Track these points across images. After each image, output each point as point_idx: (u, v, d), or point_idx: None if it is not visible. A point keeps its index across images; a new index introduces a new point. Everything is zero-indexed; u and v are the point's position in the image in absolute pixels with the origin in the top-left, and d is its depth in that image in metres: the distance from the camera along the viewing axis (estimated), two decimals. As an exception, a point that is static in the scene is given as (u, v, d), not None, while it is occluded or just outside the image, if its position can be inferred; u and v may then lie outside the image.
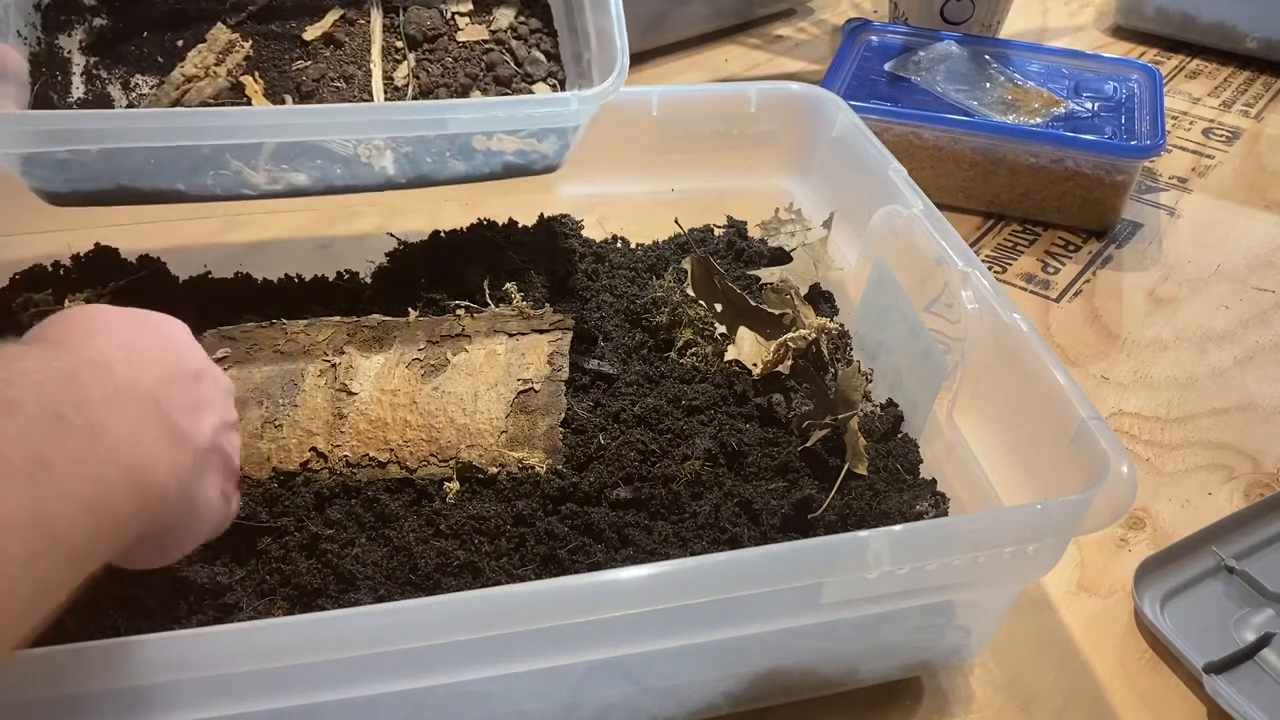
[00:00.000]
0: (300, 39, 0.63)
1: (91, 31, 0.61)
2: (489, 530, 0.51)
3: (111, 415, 0.35)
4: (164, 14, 0.62)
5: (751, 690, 0.50)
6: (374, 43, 0.63)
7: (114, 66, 0.61)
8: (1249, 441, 0.69)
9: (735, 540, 0.52)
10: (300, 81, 0.61)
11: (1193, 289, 0.82)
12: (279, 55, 0.62)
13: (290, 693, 0.39)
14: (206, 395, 0.44)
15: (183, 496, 0.40)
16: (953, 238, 0.59)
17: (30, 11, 0.60)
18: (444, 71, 0.63)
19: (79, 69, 0.60)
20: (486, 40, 0.65)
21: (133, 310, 0.44)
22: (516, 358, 0.56)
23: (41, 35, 0.60)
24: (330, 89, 0.62)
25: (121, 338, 0.41)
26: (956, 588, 0.47)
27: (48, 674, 0.36)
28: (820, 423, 0.57)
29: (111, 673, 0.36)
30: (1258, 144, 1.00)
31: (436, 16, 0.65)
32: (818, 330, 0.61)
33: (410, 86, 0.62)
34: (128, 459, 0.35)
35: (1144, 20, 1.16)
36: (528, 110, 0.57)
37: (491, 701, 0.45)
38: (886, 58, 0.96)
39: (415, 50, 0.64)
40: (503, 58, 0.64)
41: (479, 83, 0.63)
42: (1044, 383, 0.50)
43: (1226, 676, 0.53)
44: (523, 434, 0.54)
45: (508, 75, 0.63)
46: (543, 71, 0.65)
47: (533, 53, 0.65)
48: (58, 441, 0.32)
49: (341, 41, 0.63)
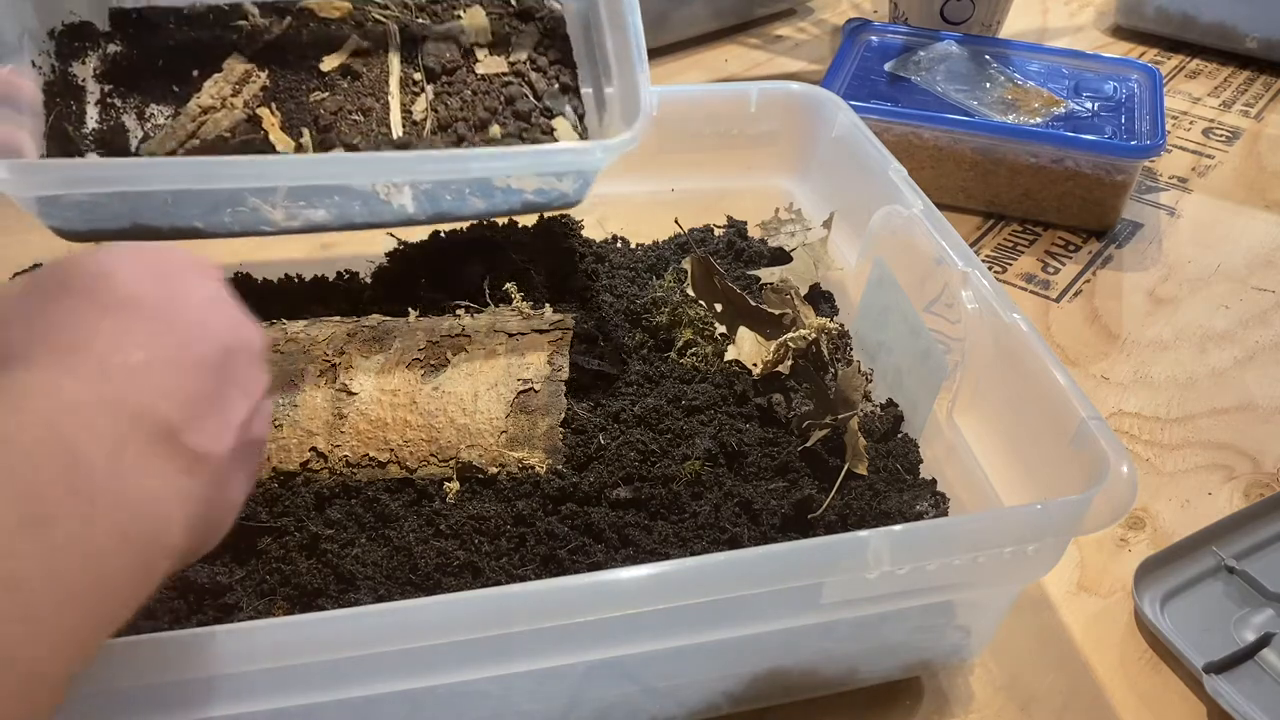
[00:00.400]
0: (317, 69, 0.63)
1: (106, 59, 0.61)
2: (489, 530, 0.51)
3: (100, 470, 0.31)
4: (179, 42, 0.62)
5: (751, 690, 0.50)
6: (392, 75, 0.63)
7: (129, 95, 0.61)
8: (1249, 441, 0.69)
9: (735, 540, 0.52)
10: (318, 114, 0.61)
11: (1193, 289, 0.82)
12: (296, 86, 0.62)
13: (290, 693, 0.39)
14: (232, 378, 0.37)
15: (203, 521, 0.36)
16: (953, 238, 0.59)
17: (44, 39, 0.60)
18: (462, 105, 0.63)
19: (93, 98, 0.60)
20: (505, 73, 0.65)
21: (146, 267, 0.36)
22: (516, 358, 0.56)
23: (56, 63, 0.60)
24: (348, 121, 0.61)
25: (122, 324, 0.34)
26: (956, 588, 0.47)
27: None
28: (820, 423, 0.57)
29: (111, 673, 0.36)
30: (1258, 144, 1.00)
31: (455, 48, 0.65)
32: (818, 330, 0.61)
33: (428, 120, 0.62)
34: (122, 521, 0.31)
35: (1144, 20, 1.16)
36: (552, 160, 0.57)
37: (491, 701, 0.45)
38: (886, 58, 0.96)
39: (434, 82, 0.64)
40: (522, 90, 0.64)
41: (498, 116, 0.63)
42: (1044, 383, 0.50)
43: (1226, 676, 0.53)
44: (523, 434, 0.54)
45: (527, 110, 0.63)
46: (562, 105, 0.64)
47: (552, 86, 0.65)
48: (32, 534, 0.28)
49: (359, 73, 0.63)
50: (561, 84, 0.65)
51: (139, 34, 0.62)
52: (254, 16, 0.63)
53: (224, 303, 0.39)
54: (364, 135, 0.61)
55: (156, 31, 0.62)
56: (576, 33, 0.67)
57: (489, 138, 0.62)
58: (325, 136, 0.61)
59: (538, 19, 0.67)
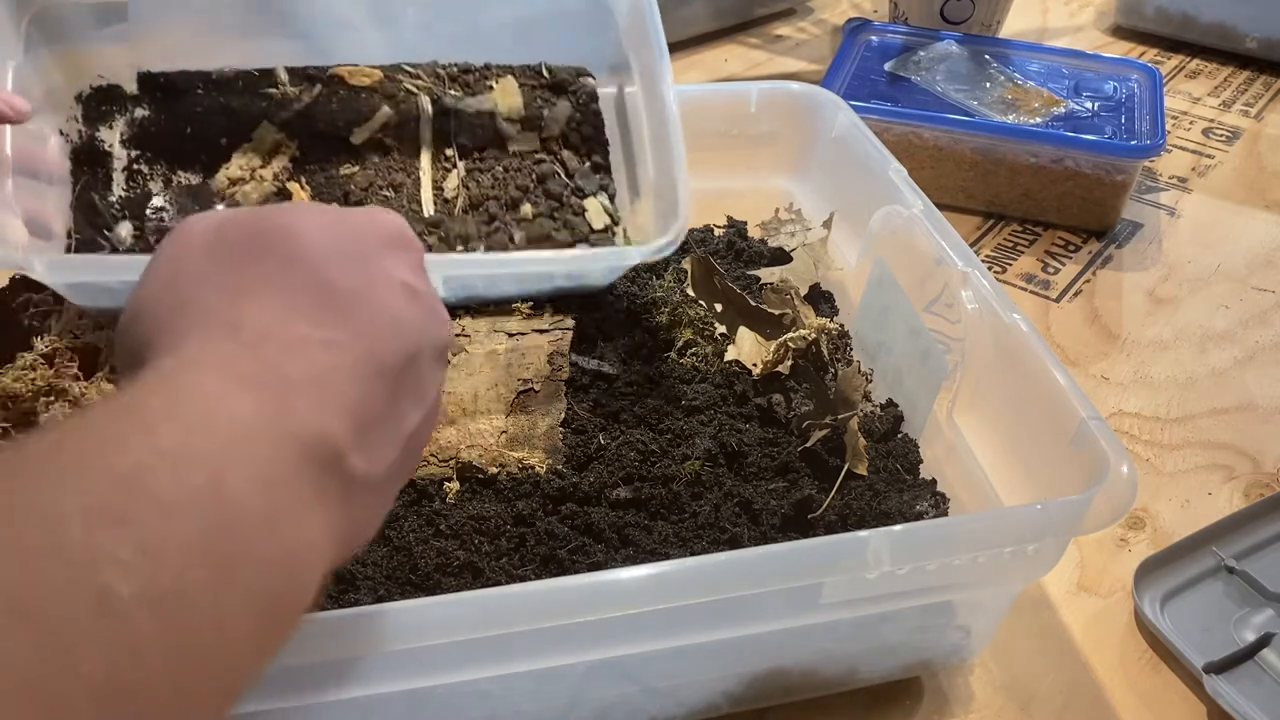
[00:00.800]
0: (347, 141, 0.63)
1: (133, 123, 0.61)
2: (489, 530, 0.51)
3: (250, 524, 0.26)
4: (207, 108, 0.61)
5: (751, 690, 0.50)
6: (423, 150, 0.63)
7: (155, 161, 0.61)
8: (1249, 441, 0.69)
9: (735, 540, 0.52)
10: (348, 190, 0.61)
11: (1193, 289, 0.82)
12: (325, 158, 0.62)
13: (289, 693, 0.39)
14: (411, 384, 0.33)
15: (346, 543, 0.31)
16: (953, 238, 0.59)
17: (72, 104, 0.60)
18: (494, 182, 0.63)
19: (120, 164, 0.60)
20: (538, 150, 0.65)
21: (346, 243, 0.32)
22: (517, 357, 0.56)
23: (83, 128, 0.60)
24: (379, 198, 0.62)
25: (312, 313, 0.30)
26: (956, 588, 0.47)
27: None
28: (820, 423, 0.57)
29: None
30: (1258, 144, 1.00)
31: (488, 121, 0.64)
32: (818, 330, 0.61)
33: (460, 197, 0.62)
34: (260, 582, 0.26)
35: (1144, 20, 1.16)
36: (593, 263, 0.58)
37: (491, 701, 0.45)
38: (886, 58, 0.96)
39: (466, 158, 0.64)
40: (554, 168, 0.64)
41: (529, 195, 0.63)
42: (1044, 383, 0.50)
43: (1226, 676, 0.53)
44: (523, 434, 0.54)
45: (558, 190, 0.63)
46: (594, 184, 0.65)
47: (584, 164, 0.65)
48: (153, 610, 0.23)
49: (390, 147, 0.63)
50: (593, 162, 0.66)
51: (167, 98, 0.62)
52: (284, 84, 0.62)
53: (419, 293, 0.34)
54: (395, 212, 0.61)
55: (184, 96, 0.62)
56: (609, 104, 0.67)
57: (520, 217, 0.63)
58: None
59: (570, 93, 0.67)
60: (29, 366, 0.54)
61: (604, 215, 0.64)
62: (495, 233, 0.62)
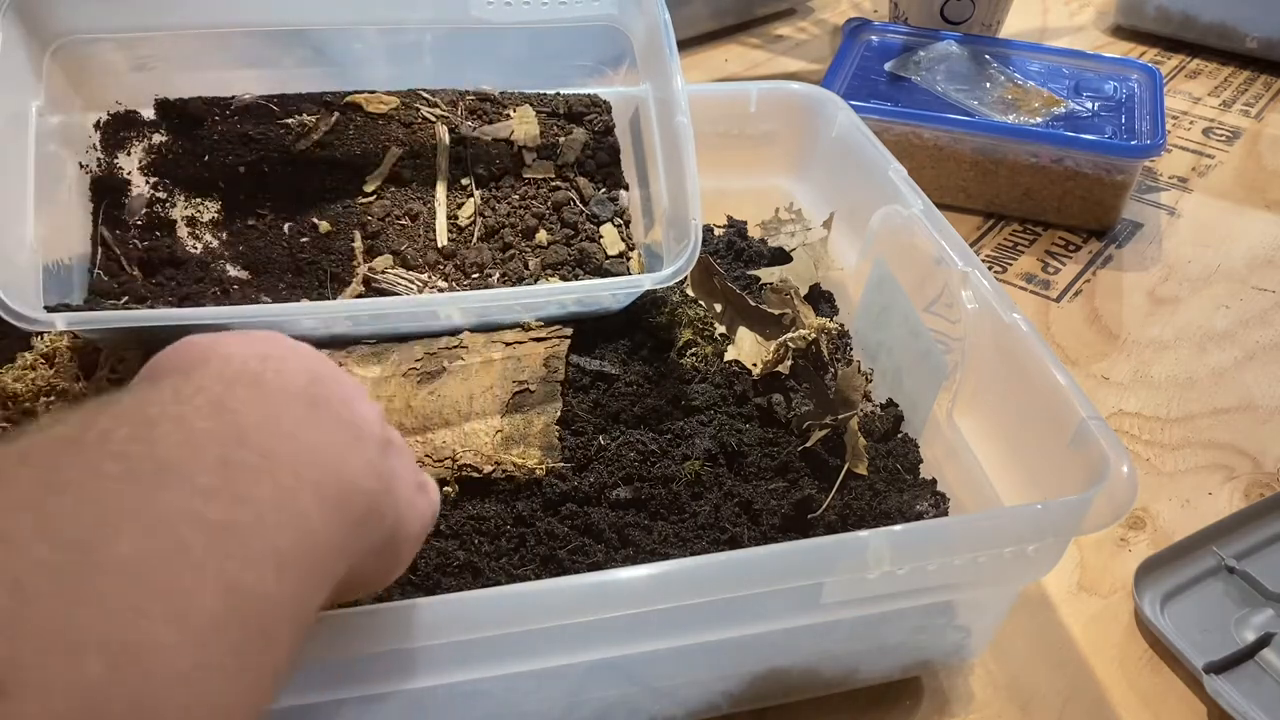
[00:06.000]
0: (364, 170, 0.63)
1: (151, 149, 0.61)
2: (488, 530, 0.51)
3: (278, 434, 0.30)
4: (225, 135, 0.61)
5: (751, 690, 0.50)
6: (439, 180, 0.63)
7: (174, 188, 0.61)
8: (1249, 441, 0.69)
9: (735, 540, 0.52)
10: (365, 220, 0.61)
11: (1193, 289, 0.82)
12: (342, 186, 0.62)
13: (287, 692, 0.39)
14: (352, 385, 0.37)
15: (387, 494, 0.34)
16: (953, 238, 0.59)
17: (91, 132, 0.60)
18: (510, 211, 0.63)
19: (138, 191, 0.60)
20: (553, 178, 0.65)
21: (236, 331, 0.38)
22: (513, 364, 0.56)
23: (101, 155, 0.60)
24: (395, 227, 0.62)
25: (247, 349, 0.35)
26: (956, 588, 0.47)
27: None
28: (820, 423, 0.57)
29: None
30: (1258, 144, 1.00)
31: (504, 149, 0.65)
32: (818, 330, 0.62)
33: (476, 226, 0.62)
34: (316, 477, 0.30)
35: (1144, 20, 1.16)
36: (605, 293, 0.58)
37: (491, 701, 0.45)
38: (886, 57, 0.96)
39: (482, 187, 0.64)
40: (569, 195, 0.64)
41: (545, 222, 0.64)
42: (1044, 383, 0.50)
43: (1226, 676, 0.53)
44: (518, 433, 0.54)
45: (574, 218, 0.64)
46: (609, 212, 0.65)
47: (599, 191, 0.65)
48: (231, 497, 0.27)
49: (406, 179, 0.63)
50: (608, 190, 0.66)
51: (185, 125, 0.61)
52: (301, 112, 0.63)
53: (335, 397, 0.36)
54: (411, 241, 0.61)
55: (202, 123, 0.62)
56: (623, 126, 0.68)
57: (536, 244, 0.63)
58: (373, 243, 0.61)
59: (586, 121, 0.67)
60: (29, 366, 0.54)
61: (619, 241, 0.64)
62: (510, 260, 0.62)
